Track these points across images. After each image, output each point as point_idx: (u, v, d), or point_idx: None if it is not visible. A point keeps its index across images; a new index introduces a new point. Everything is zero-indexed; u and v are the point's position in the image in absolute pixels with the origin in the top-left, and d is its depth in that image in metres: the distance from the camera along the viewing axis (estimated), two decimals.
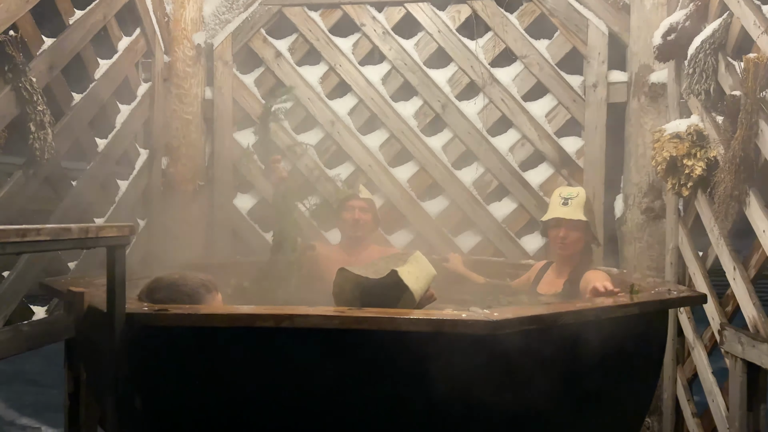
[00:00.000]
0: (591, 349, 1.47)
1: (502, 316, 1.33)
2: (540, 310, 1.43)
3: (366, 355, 1.34)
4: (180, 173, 3.49)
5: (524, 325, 1.34)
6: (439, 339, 1.34)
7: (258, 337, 1.37)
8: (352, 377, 1.35)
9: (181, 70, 3.49)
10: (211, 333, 1.40)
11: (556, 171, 3.45)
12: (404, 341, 1.34)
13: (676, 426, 3.04)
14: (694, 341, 2.84)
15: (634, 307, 1.58)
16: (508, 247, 3.46)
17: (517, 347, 1.35)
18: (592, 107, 3.40)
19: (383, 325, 1.33)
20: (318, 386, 1.37)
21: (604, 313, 1.49)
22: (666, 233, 3.15)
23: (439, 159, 3.50)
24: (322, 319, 1.33)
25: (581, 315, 1.45)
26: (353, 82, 3.54)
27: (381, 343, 1.34)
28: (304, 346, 1.37)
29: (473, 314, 1.35)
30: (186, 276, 1.73)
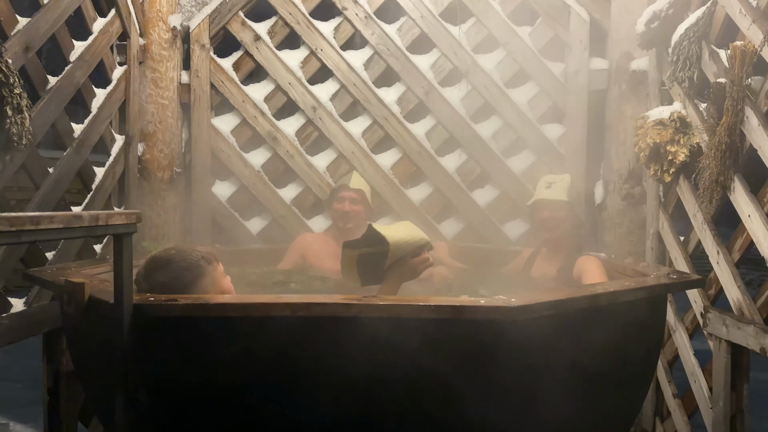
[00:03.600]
0: (603, 333, 1.49)
1: (521, 301, 1.32)
2: (556, 294, 1.43)
3: (385, 343, 1.31)
4: (156, 160, 3.38)
5: (544, 311, 1.34)
6: (457, 325, 1.33)
7: (272, 326, 1.33)
8: (372, 366, 1.33)
9: (157, 53, 3.38)
10: (223, 322, 1.36)
11: (538, 158, 3.48)
12: (423, 328, 1.32)
13: (657, 406, 3.11)
14: (675, 324, 2.91)
15: (642, 291, 1.59)
16: (491, 233, 3.48)
17: (536, 333, 1.34)
18: (573, 94, 3.42)
19: (403, 313, 1.30)
20: (336, 376, 1.34)
21: (616, 297, 1.50)
22: (646, 219, 3.21)
23: (422, 146, 3.49)
24: (340, 308, 1.30)
25: (595, 299, 1.46)
26: (335, 67, 3.48)
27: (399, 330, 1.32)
28: (319, 335, 1.34)
29: (492, 300, 1.34)
30: (182, 250, 1.67)
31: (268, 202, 3.50)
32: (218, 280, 1.68)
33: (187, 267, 1.61)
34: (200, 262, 1.65)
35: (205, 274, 1.64)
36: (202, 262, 1.65)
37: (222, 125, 3.50)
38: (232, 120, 3.53)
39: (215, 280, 1.67)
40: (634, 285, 1.61)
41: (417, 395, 1.38)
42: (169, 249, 1.70)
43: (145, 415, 1.44)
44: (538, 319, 1.35)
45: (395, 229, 1.94)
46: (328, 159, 3.52)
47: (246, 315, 1.34)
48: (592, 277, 2.36)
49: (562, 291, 1.51)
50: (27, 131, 2.21)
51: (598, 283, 1.81)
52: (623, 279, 1.94)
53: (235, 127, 3.51)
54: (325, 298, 1.33)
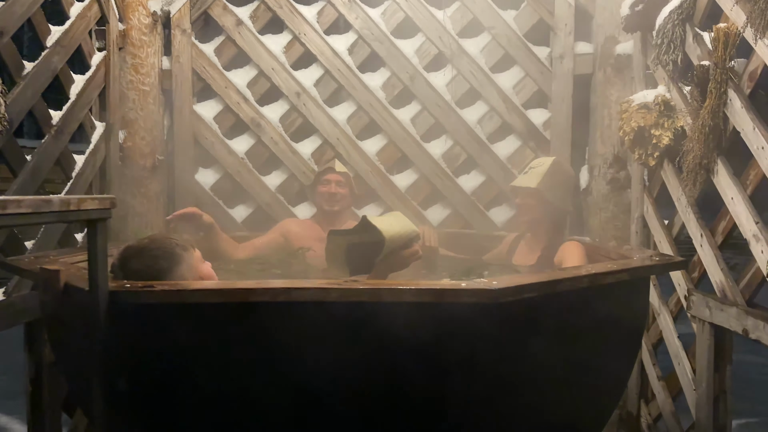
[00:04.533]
0: (586, 316, 1.48)
1: (502, 284, 1.31)
2: (539, 277, 1.42)
3: (368, 328, 1.30)
4: (138, 147, 3.34)
5: (525, 293, 1.33)
6: (439, 309, 1.32)
7: (252, 312, 1.31)
8: (354, 351, 1.32)
9: (137, 39, 3.32)
10: (201, 309, 1.34)
11: (524, 143, 3.47)
12: (405, 312, 1.31)
13: (641, 389, 3.14)
14: (659, 307, 2.92)
15: (625, 273, 1.59)
16: (478, 219, 3.47)
17: (517, 315, 1.34)
18: (558, 79, 3.41)
19: (384, 297, 1.29)
20: (319, 362, 1.33)
21: (598, 279, 1.50)
22: (631, 203, 3.22)
23: (407, 132, 3.46)
24: (320, 293, 1.29)
25: (577, 281, 1.45)
26: (319, 52, 3.44)
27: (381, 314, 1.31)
28: (301, 320, 1.32)
29: (473, 283, 1.33)
30: (156, 239, 1.64)
31: (253, 189, 3.47)
32: (196, 266, 1.66)
33: (162, 255, 1.59)
34: (176, 250, 1.62)
35: (182, 261, 1.62)
36: (178, 249, 1.63)
37: (204, 112, 3.46)
38: (214, 106, 3.48)
39: (193, 266, 1.64)
40: (616, 267, 1.61)
41: (400, 381, 1.37)
42: (142, 239, 1.67)
43: (126, 405, 1.42)
44: (520, 302, 1.34)
45: (389, 222, 1.91)
46: (312, 146, 3.49)
47: (225, 301, 1.32)
48: (572, 262, 2.35)
49: (545, 273, 1.50)
50: (3, 118, 2.17)
51: (582, 266, 1.80)
52: (606, 262, 1.94)
53: (218, 114, 3.47)
54: (306, 283, 1.31)
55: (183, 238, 1.68)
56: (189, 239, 1.69)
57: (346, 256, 1.95)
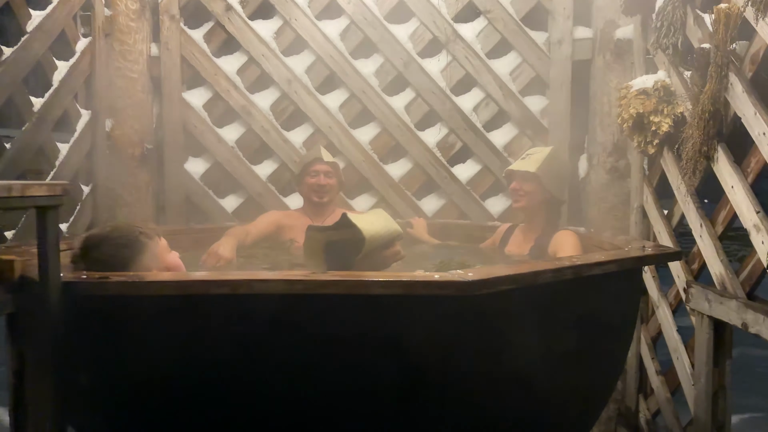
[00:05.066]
0: (570, 308, 1.40)
1: (478, 275, 1.23)
2: (517, 268, 1.34)
3: (335, 323, 1.23)
4: (126, 136, 3.27)
5: (501, 285, 1.25)
6: (412, 303, 1.24)
7: (214, 305, 1.24)
8: (319, 347, 1.24)
9: (124, 25, 3.25)
10: (158, 302, 1.27)
11: (521, 131, 3.38)
12: (375, 306, 1.23)
13: (640, 383, 3.06)
14: (658, 299, 2.83)
15: (613, 264, 1.51)
16: (473, 209, 3.39)
17: (495, 308, 1.26)
18: (556, 65, 3.31)
19: (351, 289, 1.22)
20: (282, 357, 1.26)
21: (583, 271, 1.42)
22: (631, 193, 3.12)
23: (401, 119, 3.38)
24: (284, 285, 1.21)
25: (560, 273, 1.37)
26: (310, 37, 3.36)
27: (350, 308, 1.23)
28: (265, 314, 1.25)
29: (447, 275, 1.25)
30: (119, 227, 1.58)
31: (244, 179, 3.40)
32: (161, 255, 1.59)
33: (125, 243, 1.53)
34: (139, 238, 1.56)
35: (145, 250, 1.55)
36: (142, 237, 1.56)
37: (194, 99, 3.39)
38: (204, 94, 3.41)
39: (158, 255, 1.58)
40: (603, 258, 1.52)
41: (371, 378, 1.29)
42: (105, 227, 1.60)
43: (87, 400, 1.36)
44: (497, 295, 1.26)
45: (370, 221, 1.82)
46: (304, 134, 3.42)
47: (183, 293, 1.25)
48: (566, 252, 2.27)
49: (524, 265, 1.42)
50: None
51: (565, 257, 1.72)
52: (596, 252, 1.85)
53: (208, 102, 3.40)
54: (268, 275, 1.24)
55: (149, 226, 1.61)
56: (155, 227, 1.62)
57: (324, 253, 1.87)
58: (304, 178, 2.87)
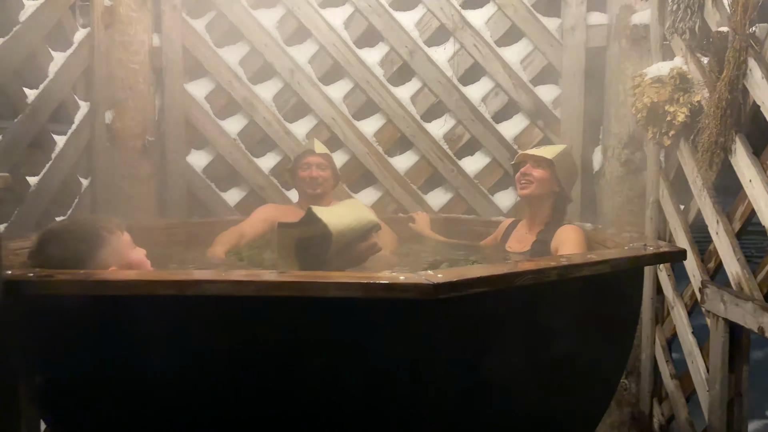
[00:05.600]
0: (557, 312, 1.29)
1: (447, 278, 1.13)
2: (491, 270, 1.23)
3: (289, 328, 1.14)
4: (127, 128, 3.22)
5: (473, 288, 1.15)
6: (372, 307, 1.14)
7: (159, 307, 1.16)
8: (273, 354, 1.15)
9: (125, 15, 3.19)
10: (108, 302, 1.19)
11: (532, 122, 3.24)
12: (337, 310, 1.13)
13: (654, 387, 2.91)
14: (673, 300, 2.68)
15: (605, 264, 1.38)
16: (481, 204, 3.27)
17: (467, 313, 1.15)
18: (569, 52, 3.17)
19: (306, 291, 1.12)
20: (231, 367, 1.17)
21: (569, 272, 1.30)
22: (646, 186, 2.97)
23: (407, 111, 3.27)
24: (233, 286, 1.12)
25: (542, 274, 1.26)
26: (313, 26, 3.26)
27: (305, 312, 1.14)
28: (215, 318, 1.16)
29: (413, 276, 1.15)
30: (77, 220, 1.51)
31: (246, 172, 3.34)
32: (123, 252, 1.52)
33: (82, 238, 1.46)
34: (99, 232, 1.48)
35: (105, 245, 1.48)
36: (102, 232, 1.48)
37: (196, 91, 3.33)
38: (206, 85, 3.35)
39: (119, 251, 1.50)
40: (595, 258, 1.40)
41: (329, 390, 1.20)
42: (64, 220, 1.54)
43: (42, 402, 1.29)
44: (472, 299, 1.15)
45: (339, 214, 1.72)
46: (307, 126, 3.33)
47: (130, 293, 1.17)
48: (569, 249, 2.14)
49: (501, 265, 1.31)
50: None
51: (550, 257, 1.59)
52: (591, 251, 1.73)
53: (210, 93, 3.34)
54: (219, 275, 1.15)
55: (112, 220, 1.53)
56: (119, 221, 1.54)
57: (295, 251, 1.77)
58: (297, 172, 2.78)
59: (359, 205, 1.83)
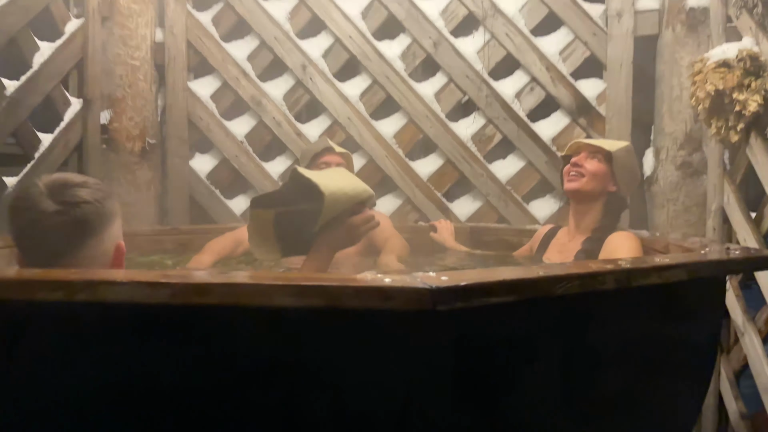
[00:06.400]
0: (612, 335, 0.92)
1: (453, 280, 0.77)
2: (520, 272, 0.87)
3: (221, 348, 0.80)
4: (126, 129, 2.96)
5: (490, 296, 0.79)
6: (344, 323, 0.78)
7: (48, 315, 0.84)
8: (200, 380, 0.81)
9: (125, 8, 2.95)
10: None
11: (573, 121, 2.87)
12: (288, 326, 0.79)
13: (719, 429, 2.47)
14: (744, 325, 2.26)
15: (680, 270, 1.00)
16: (514, 213, 2.89)
17: (481, 334, 0.80)
18: (615, 41, 2.79)
19: (243, 298, 0.78)
20: (147, 387, 0.83)
21: (633, 278, 0.93)
22: (707, 192, 2.56)
23: (430, 109, 2.93)
24: (144, 290, 0.79)
25: (594, 281, 0.88)
26: (328, 17, 2.97)
27: (244, 326, 0.80)
28: (117, 331, 0.83)
29: (402, 278, 0.79)
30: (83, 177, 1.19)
31: (253, 177, 3.03)
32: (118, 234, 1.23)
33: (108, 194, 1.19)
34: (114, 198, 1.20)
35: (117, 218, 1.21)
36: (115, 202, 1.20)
37: (200, 89, 3.06)
38: (211, 83, 3.08)
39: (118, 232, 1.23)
40: (668, 261, 1.02)
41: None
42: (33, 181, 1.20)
43: None
44: (488, 311, 0.79)
45: (329, 176, 1.43)
46: (320, 126, 3.02)
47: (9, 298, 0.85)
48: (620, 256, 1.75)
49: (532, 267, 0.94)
50: None
51: (596, 260, 1.20)
52: (651, 256, 1.34)
53: (215, 92, 3.07)
54: (125, 275, 0.81)
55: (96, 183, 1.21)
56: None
57: (275, 230, 1.47)
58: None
59: (348, 173, 1.55)
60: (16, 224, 1.16)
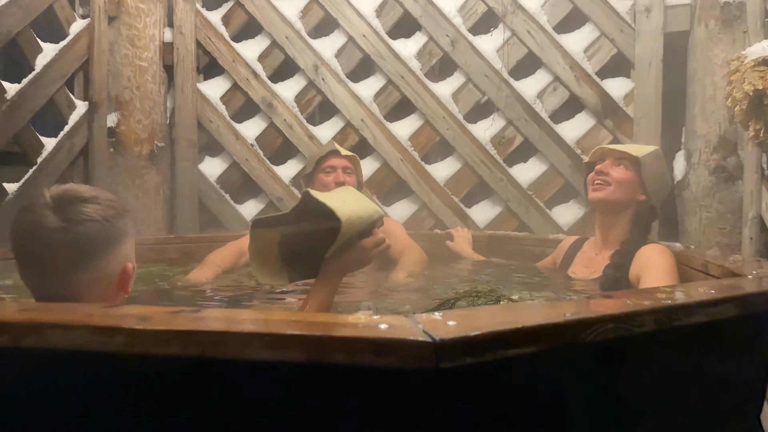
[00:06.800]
0: (650, 387, 0.79)
1: (462, 327, 0.64)
2: (541, 315, 0.73)
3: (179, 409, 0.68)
4: (133, 132, 2.87)
5: (505, 348, 0.65)
6: (325, 383, 0.65)
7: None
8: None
9: (133, 7, 2.86)
10: None
11: (598, 122, 2.72)
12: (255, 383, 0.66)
13: None
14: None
15: (731, 304, 0.86)
16: (536, 220, 2.75)
17: (497, 392, 0.67)
18: (644, 38, 2.64)
19: (209, 350, 0.65)
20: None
21: (675, 317, 0.79)
22: (744, 199, 2.39)
23: (447, 110, 2.80)
24: (97, 336, 0.66)
25: (630, 322, 0.75)
26: (341, 15, 2.85)
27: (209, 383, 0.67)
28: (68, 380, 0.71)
29: (398, 325, 0.66)
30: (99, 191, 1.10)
31: (263, 181, 2.93)
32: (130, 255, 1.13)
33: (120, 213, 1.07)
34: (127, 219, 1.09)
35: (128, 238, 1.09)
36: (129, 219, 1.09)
37: (210, 91, 2.97)
38: (221, 84, 2.98)
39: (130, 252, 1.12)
40: (715, 294, 0.88)
41: None
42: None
43: None
44: (503, 366, 0.66)
45: (341, 198, 1.31)
46: (333, 129, 2.91)
47: None
48: (656, 277, 1.60)
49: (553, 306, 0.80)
50: None
51: (642, 291, 1.04)
52: (698, 283, 1.19)
53: (225, 93, 2.97)
54: (75, 316, 0.68)
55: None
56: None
57: (279, 253, 1.36)
58: (317, 176, 2.31)
59: (355, 191, 1.44)
60: (16, 236, 1.09)
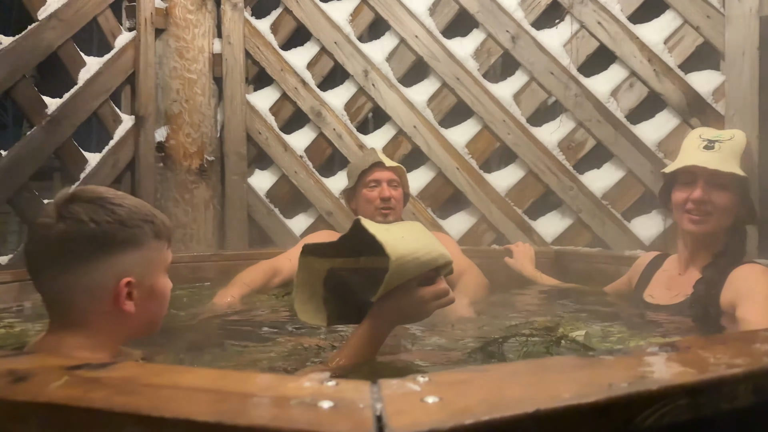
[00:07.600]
0: None
1: (437, 416, 0.41)
2: (573, 382, 0.49)
3: None
4: (182, 146, 2.79)
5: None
6: None
7: None
8: None
9: (181, 18, 2.80)
10: None
11: (683, 121, 2.39)
12: None
13: None
14: None
15: None
16: (612, 233, 2.44)
17: None
18: (735, 24, 2.30)
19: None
20: None
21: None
22: None
23: (508, 113, 2.56)
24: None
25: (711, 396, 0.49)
26: (392, 16, 2.68)
27: None
28: None
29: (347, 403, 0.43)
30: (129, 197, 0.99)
31: (312, 194, 2.78)
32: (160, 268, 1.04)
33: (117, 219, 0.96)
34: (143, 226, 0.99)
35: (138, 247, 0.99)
36: (147, 227, 0.99)
37: (259, 102, 2.87)
38: (270, 94, 2.88)
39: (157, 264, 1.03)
40: None
41: None
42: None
43: None
44: None
45: (399, 233, 1.09)
46: (384, 137, 2.73)
47: None
48: (757, 309, 1.29)
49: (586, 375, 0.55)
50: None
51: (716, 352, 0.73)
52: None
53: (274, 103, 2.86)
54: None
55: (167, 223, 1.04)
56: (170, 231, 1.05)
57: (324, 289, 1.17)
58: (360, 191, 2.12)
59: (422, 228, 1.18)
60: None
